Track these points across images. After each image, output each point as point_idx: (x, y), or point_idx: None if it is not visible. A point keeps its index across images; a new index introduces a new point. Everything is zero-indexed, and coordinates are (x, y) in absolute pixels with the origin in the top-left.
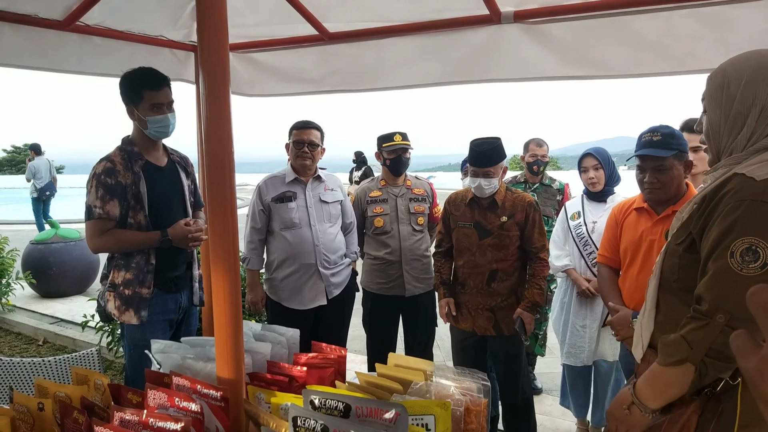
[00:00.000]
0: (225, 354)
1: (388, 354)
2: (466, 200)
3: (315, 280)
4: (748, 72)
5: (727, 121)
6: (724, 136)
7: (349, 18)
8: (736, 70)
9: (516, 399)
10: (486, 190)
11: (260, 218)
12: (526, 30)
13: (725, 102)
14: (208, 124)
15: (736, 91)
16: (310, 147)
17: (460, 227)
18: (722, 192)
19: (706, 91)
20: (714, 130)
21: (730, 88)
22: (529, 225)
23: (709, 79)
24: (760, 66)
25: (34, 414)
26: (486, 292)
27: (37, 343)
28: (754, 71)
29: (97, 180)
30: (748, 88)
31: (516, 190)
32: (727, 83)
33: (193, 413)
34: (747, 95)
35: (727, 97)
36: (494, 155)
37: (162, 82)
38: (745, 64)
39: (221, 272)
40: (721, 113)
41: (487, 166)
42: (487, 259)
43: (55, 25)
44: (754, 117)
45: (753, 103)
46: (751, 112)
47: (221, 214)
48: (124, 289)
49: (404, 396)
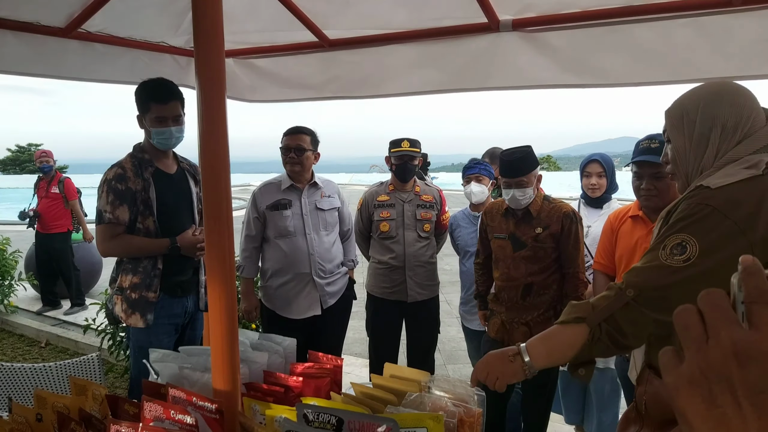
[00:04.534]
0: (220, 366)
1: (385, 363)
2: (502, 211)
3: (309, 290)
4: (704, 98)
5: (692, 144)
6: (690, 159)
7: (349, 25)
8: (691, 99)
9: (545, 415)
10: (521, 201)
11: (255, 226)
12: (524, 38)
13: (687, 128)
14: (204, 131)
15: (695, 116)
16: (297, 152)
17: (495, 238)
18: (680, 201)
19: (666, 124)
20: (681, 155)
21: (690, 114)
22: (564, 237)
23: (667, 113)
24: (714, 92)
25: (32, 425)
26: (521, 306)
27: (39, 345)
28: (710, 96)
29: (108, 185)
30: (707, 110)
31: (554, 200)
32: (686, 112)
33: (188, 426)
34: (706, 117)
35: (687, 123)
36: (526, 164)
37: (169, 97)
38: (699, 93)
39: (217, 285)
40: (684, 139)
41: (519, 176)
42: (521, 272)
43: (57, 32)
44: (716, 135)
45: (713, 123)
46: (712, 132)
47: (217, 225)
48: (131, 292)
49: (398, 408)
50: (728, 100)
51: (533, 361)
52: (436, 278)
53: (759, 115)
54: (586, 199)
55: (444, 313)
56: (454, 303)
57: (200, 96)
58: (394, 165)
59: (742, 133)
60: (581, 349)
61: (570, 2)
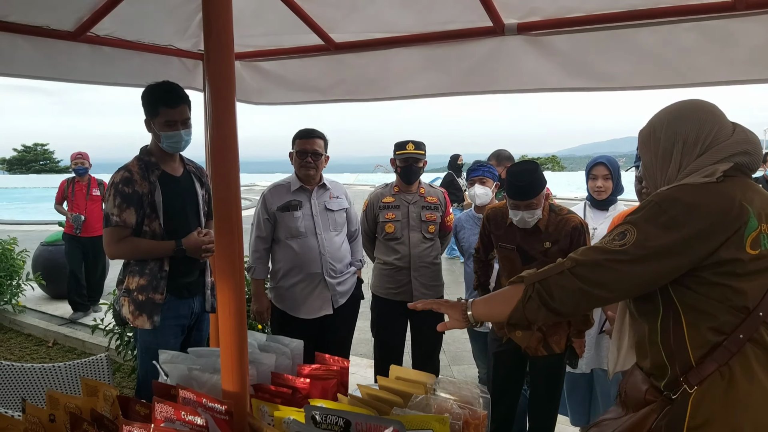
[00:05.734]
0: (230, 368)
1: (391, 365)
2: (507, 220)
3: (321, 290)
4: (668, 116)
5: (657, 160)
6: (658, 173)
7: (355, 29)
8: (658, 118)
9: (551, 417)
10: (529, 222)
11: (265, 227)
12: (529, 42)
13: (653, 145)
14: (213, 133)
15: (660, 134)
16: (313, 157)
17: (502, 247)
18: None
19: (638, 142)
20: (649, 170)
21: (656, 132)
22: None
23: (639, 133)
24: (677, 110)
25: (45, 425)
26: None
27: (47, 345)
28: (672, 114)
29: (115, 189)
30: (670, 127)
31: (561, 211)
32: (653, 130)
33: (198, 427)
34: (670, 134)
35: (654, 140)
36: (534, 186)
37: (178, 101)
38: (665, 112)
39: (226, 286)
40: (652, 155)
41: (528, 199)
42: None
43: (67, 36)
44: (678, 150)
45: (676, 139)
46: (675, 147)
47: (226, 226)
48: (137, 294)
49: (404, 409)
50: (690, 116)
51: (474, 313)
52: (441, 279)
53: (723, 128)
54: (591, 201)
55: None
56: None
57: (210, 99)
58: (399, 167)
59: (703, 147)
60: (516, 306)
61: (574, 6)
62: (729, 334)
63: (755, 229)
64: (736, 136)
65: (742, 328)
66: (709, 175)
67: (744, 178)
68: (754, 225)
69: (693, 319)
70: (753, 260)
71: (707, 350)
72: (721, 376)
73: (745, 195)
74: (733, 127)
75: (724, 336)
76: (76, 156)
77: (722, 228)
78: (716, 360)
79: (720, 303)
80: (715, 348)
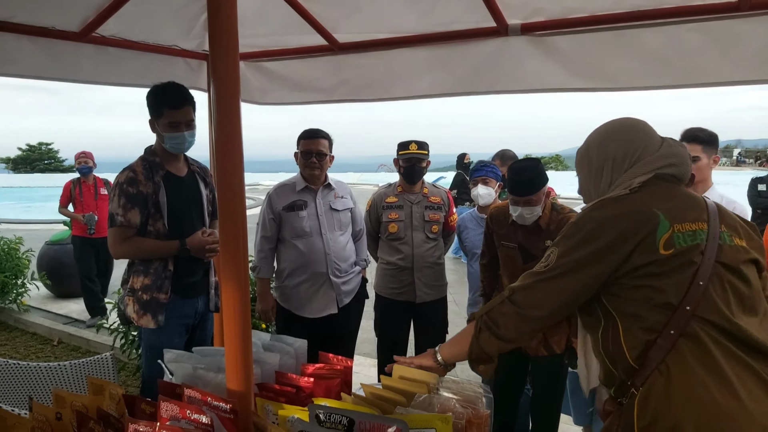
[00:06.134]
0: (234, 367)
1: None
2: (509, 219)
3: (326, 289)
4: (600, 137)
5: (591, 177)
6: (592, 190)
7: (359, 29)
8: (592, 138)
9: (554, 416)
10: (528, 218)
11: (271, 227)
12: (533, 42)
13: (587, 163)
14: (218, 133)
15: (593, 153)
16: (318, 157)
17: (504, 246)
18: None
19: (575, 161)
20: (584, 187)
21: (589, 152)
22: None
23: (577, 152)
24: (607, 131)
25: (52, 423)
26: None
27: (51, 344)
28: (603, 135)
29: (120, 189)
30: (601, 147)
31: (563, 210)
32: (587, 149)
33: (203, 425)
34: (601, 153)
35: (588, 159)
36: (535, 183)
37: (183, 102)
38: (597, 132)
39: (230, 286)
40: (586, 172)
41: (528, 195)
42: None
43: (72, 36)
44: (608, 168)
45: (606, 158)
46: (605, 165)
47: (231, 226)
48: (142, 294)
49: (408, 409)
50: (619, 136)
51: (442, 357)
52: (444, 279)
53: (650, 145)
54: None
55: (452, 314)
56: (463, 303)
57: (214, 99)
58: (402, 167)
59: (631, 163)
60: (471, 341)
61: (578, 7)
62: (660, 331)
63: (667, 230)
64: (662, 150)
65: (671, 324)
66: (626, 188)
67: (664, 186)
68: (665, 227)
69: (627, 323)
70: (668, 259)
71: (642, 349)
72: (660, 373)
73: (657, 201)
74: (661, 141)
75: (656, 334)
76: (80, 155)
77: (631, 234)
78: (653, 359)
79: (645, 303)
80: (650, 346)
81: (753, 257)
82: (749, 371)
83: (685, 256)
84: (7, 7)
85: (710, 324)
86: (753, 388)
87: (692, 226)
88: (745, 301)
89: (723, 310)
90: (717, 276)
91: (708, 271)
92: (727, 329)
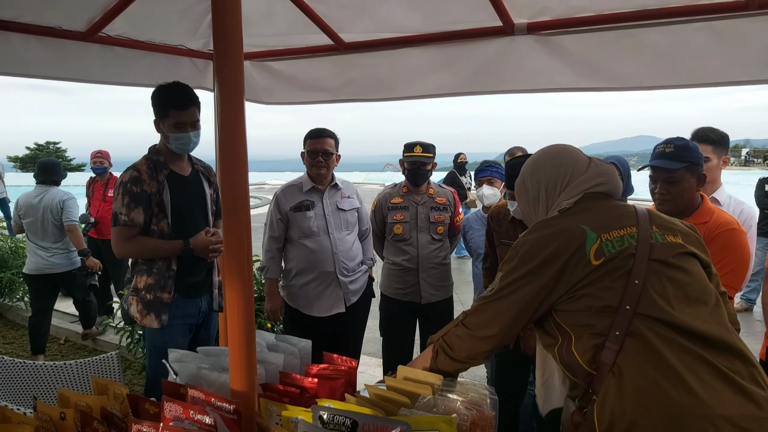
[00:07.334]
0: (238, 367)
1: (398, 366)
2: (509, 216)
3: (334, 288)
4: (531, 167)
5: (529, 204)
6: (532, 215)
7: (365, 29)
8: (525, 169)
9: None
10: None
11: (278, 227)
12: (539, 42)
13: (525, 193)
14: (222, 132)
15: (528, 183)
16: (324, 156)
17: (503, 244)
18: None
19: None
20: (525, 214)
21: (525, 182)
22: None
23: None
24: (536, 160)
25: (56, 423)
26: None
27: (58, 342)
28: (533, 164)
29: (124, 188)
30: (533, 176)
31: None
32: (523, 180)
33: (206, 426)
34: (534, 182)
35: (524, 189)
36: None
37: (188, 103)
38: (529, 162)
39: (234, 285)
40: (525, 201)
41: None
42: None
43: (78, 36)
44: (543, 195)
45: (539, 186)
46: (540, 193)
47: (234, 226)
48: (146, 293)
49: (411, 410)
50: (547, 163)
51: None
52: (450, 279)
53: (577, 167)
54: None
55: (458, 314)
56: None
57: (219, 99)
58: (406, 169)
59: (562, 187)
60: (431, 363)
61: (584, 6)
62: (607, 334)
63: (595, 242)
64: (590, 171)
65: (615, 326)
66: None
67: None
68: (593, 238)
69: (577, 332)
70: (600, 266)
71: (593, 354)
72: (612, 375)
73: (584, 217)
74: (588, 162)
75: (603, 337)
76: (96, 155)
77: (562, 251)
78: (606, 362)
79: (587, 311)
80: (599, 350)
81: (689, 251)
82: (701, 362)
83: (615, 260)
84: (14, 7)
85: (654, 320)
86: (708, 379)
87: (620, 233)
88: (689, 292)
89: (661, 304)
90: (654, 273)
91: (642, 269)
92: (669, 322)
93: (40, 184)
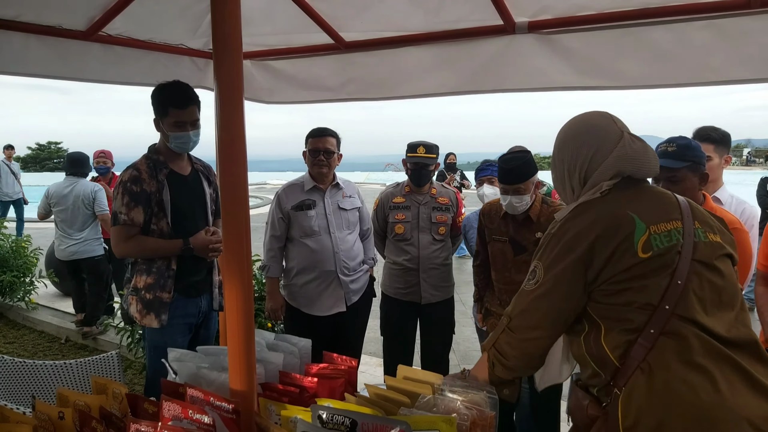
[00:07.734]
0: (237, 367)
1: (399, 365)
2: (501, 212)
3: (335, 287)
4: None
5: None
6: (561, 192)
7: (365, 28)
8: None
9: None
10: (517, 207)
11: (280, 226)
12: (540, 40)
13: (553, 169)
14: (221, 131)
15: (556, 160)
16: (325, 155)
17: (494, 240)
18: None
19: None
20: (558, 189)
21: (554, 159)
22: None
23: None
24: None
25: (55, 422)
26: None
27: (59, 341)
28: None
29: (123, 187)
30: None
31: (553, 203)
32: (554, 156)
33: (205, 426)
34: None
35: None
36: (523, 171)
37: (188, 102)
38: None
39: (234, 285)
40: (555, 178)
41: (516, 183)
42: (523, 276)
43: (79, 35)
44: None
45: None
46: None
47: (234, 225)
48: (145, 293)
49: (411, 410)
50: (569, 143)
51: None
52: (451, 279)
53: (602, 147)
54: None
55: (459, 314)
56: (469, 303)
57: (218, 98)
58: (409, 170)
59: (582, 170)
60: (489, 373)
61: (586, 4)
62: (641, 331)
63: (644, 233)
64: (617, 151)
65: (651, 324)
66: (594, 192)
67: (633, 188)
68: (642, 229)
69: (609, 325)
70: (647, 261)
71: (624, 349)
72: (641, 371)
73: (631, 204)
74: (618, 137)
75: (636, 334)
76: (99, 154)
77: (608, 238)
78: (635, 357)
79: (626, 306)
80: (631, 346)
81: (727, 252)
82: (730, 364)
83: (663, 257)
84: (14, 6)
85: (688, 321)
86: (734, 381)
87: (667, 226)
88: (722, 296)
89: (697, 308)
90: (695, 274)
91: (685, 269)
92: (702, 324)
93: (71, 175)
